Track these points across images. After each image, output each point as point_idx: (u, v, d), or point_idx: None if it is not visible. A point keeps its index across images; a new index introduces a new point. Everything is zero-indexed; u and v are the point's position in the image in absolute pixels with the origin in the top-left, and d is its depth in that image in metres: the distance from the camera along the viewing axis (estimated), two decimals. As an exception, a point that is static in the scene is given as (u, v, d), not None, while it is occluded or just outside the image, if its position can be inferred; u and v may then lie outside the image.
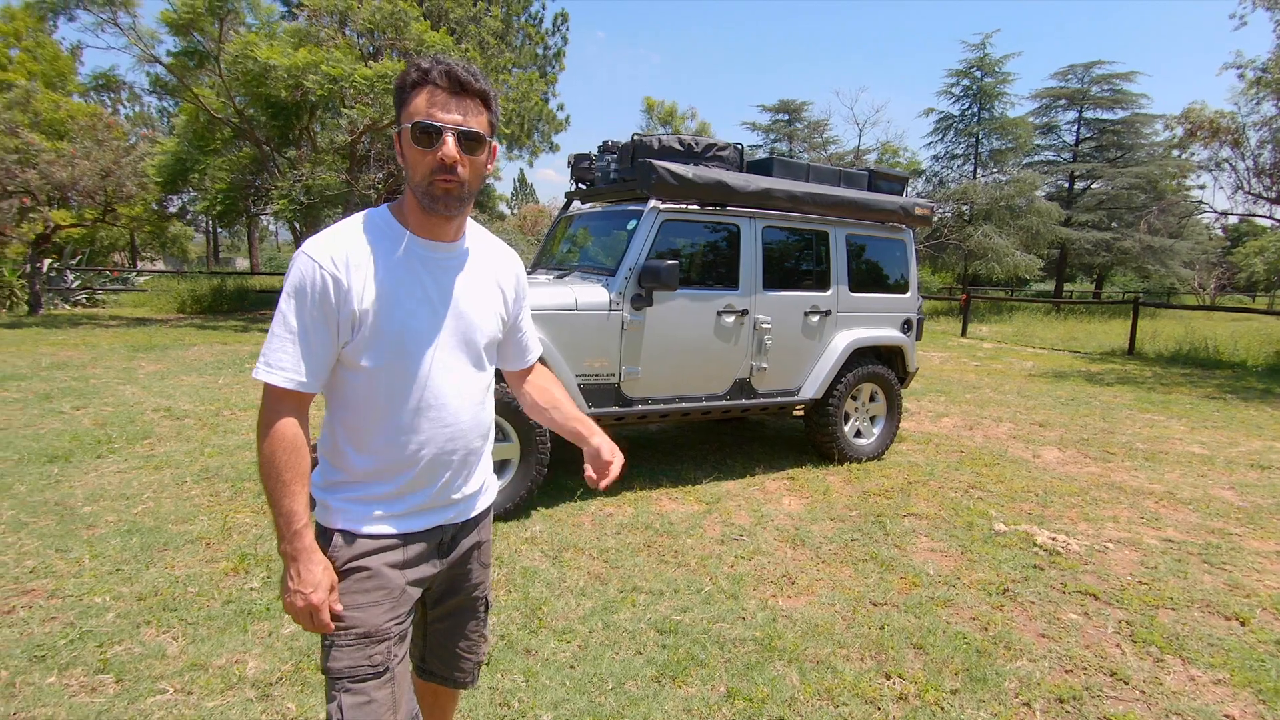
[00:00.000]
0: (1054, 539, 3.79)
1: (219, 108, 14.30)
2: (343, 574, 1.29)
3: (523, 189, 55.77)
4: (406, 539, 1.34)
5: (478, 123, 1.24)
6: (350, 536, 1.30)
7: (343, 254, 1.23)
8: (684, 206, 4.33)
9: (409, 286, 1.28)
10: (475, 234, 1.42)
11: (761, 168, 4.86)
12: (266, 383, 1.21)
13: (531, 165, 51.74)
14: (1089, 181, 25.52)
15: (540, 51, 21.16)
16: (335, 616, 1.26)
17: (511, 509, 3.82)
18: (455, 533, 1.43)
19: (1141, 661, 2.65)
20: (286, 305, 1.21)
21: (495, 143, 1.31)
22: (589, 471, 1.58)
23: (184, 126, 15.41)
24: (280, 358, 1.21)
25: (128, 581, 2.93)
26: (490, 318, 1.40)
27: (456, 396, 1.35)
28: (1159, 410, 7.61)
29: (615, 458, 1.56)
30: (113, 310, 16.05)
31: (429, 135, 1.20)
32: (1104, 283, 29.71)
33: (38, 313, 14.03)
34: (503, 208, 24.19)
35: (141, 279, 20.63)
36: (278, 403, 1.22)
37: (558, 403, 1.62)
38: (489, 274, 1.42)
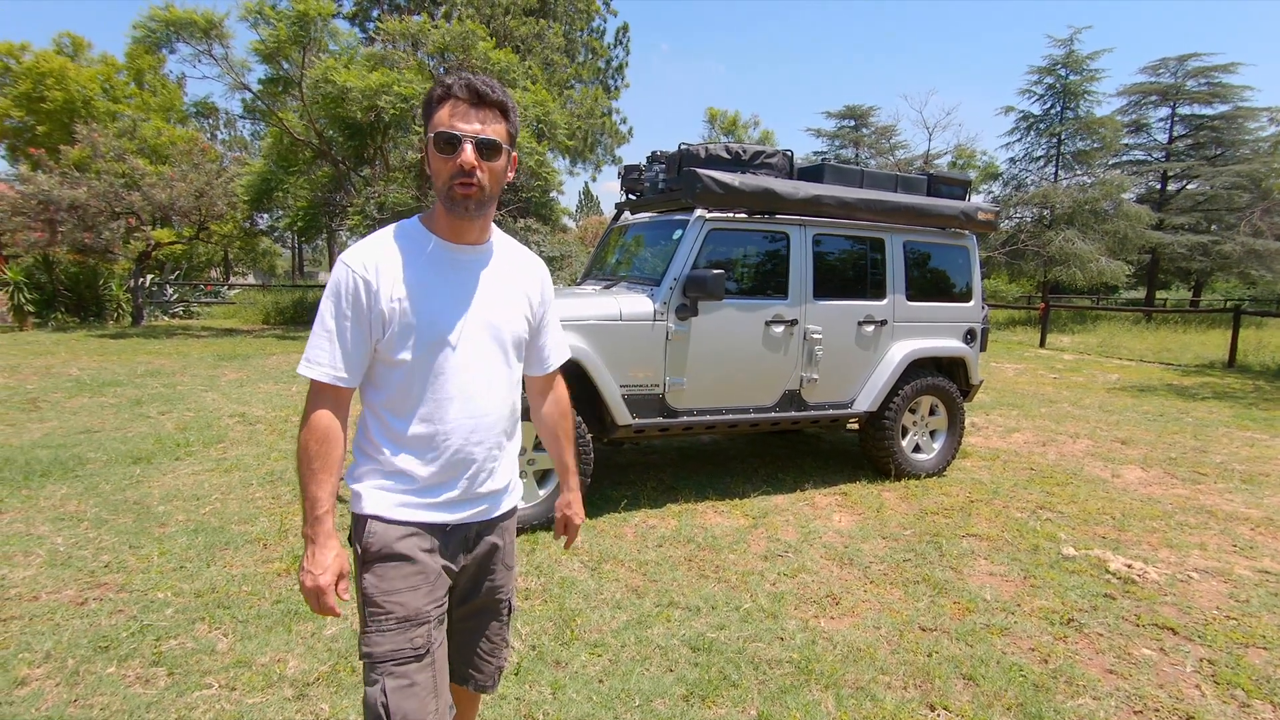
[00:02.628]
0: (1130, 566, 3.51)
1: (302, 131, 15.15)
2: (380, 559, 1.35)
3: (588, 201, 56.61)
4: (432, 529, 1.40)
5: (495, 131, 1.32)
6: (384, 522, 1.37)
7: (373, 259, 1.33)
8: (731, 215, 4.27)
9: (436, 283, 1.37)
10: (502, 241, 1.50)
11: (812, 174, 4.75)
12: (308, 377, 1.33)
13: (595, 179, 52.44)
14: (1184, 182, 23.82)
15: (602, 65, 21.47)
16: (372, 601, 1.33)
17: (555, 519, 3.83)
18: (480, 529, 1.48)
19: (1224, 705, 2.41)
20: (325, 308, 1.33)
21: (515, 151, 1.40)
22: (557, 528, 1.79)
23: (269, 149, 16.40)
24: (319, 354, 1.32)
25: (189, 578, 3.09)
26: (516, 316, 1.48)
27: (484, 388, 1.42)
28: (1261, 428, 6.98)
29: (578, 522, 1.77)
30: (205, 322, 17.18)
31: (451, 144, 1.30)
32: (1203, 290, 27.61)
33: (139, 324, 15.16)
34: (567, 220, 24.58)
35: (232, 292, 22.01)
36: (317, 396, 1.33)
37: (560, 439, 1.74)
38: (514, 276, 1.49)
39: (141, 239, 14.72)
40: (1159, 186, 24.07)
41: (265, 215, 19.95)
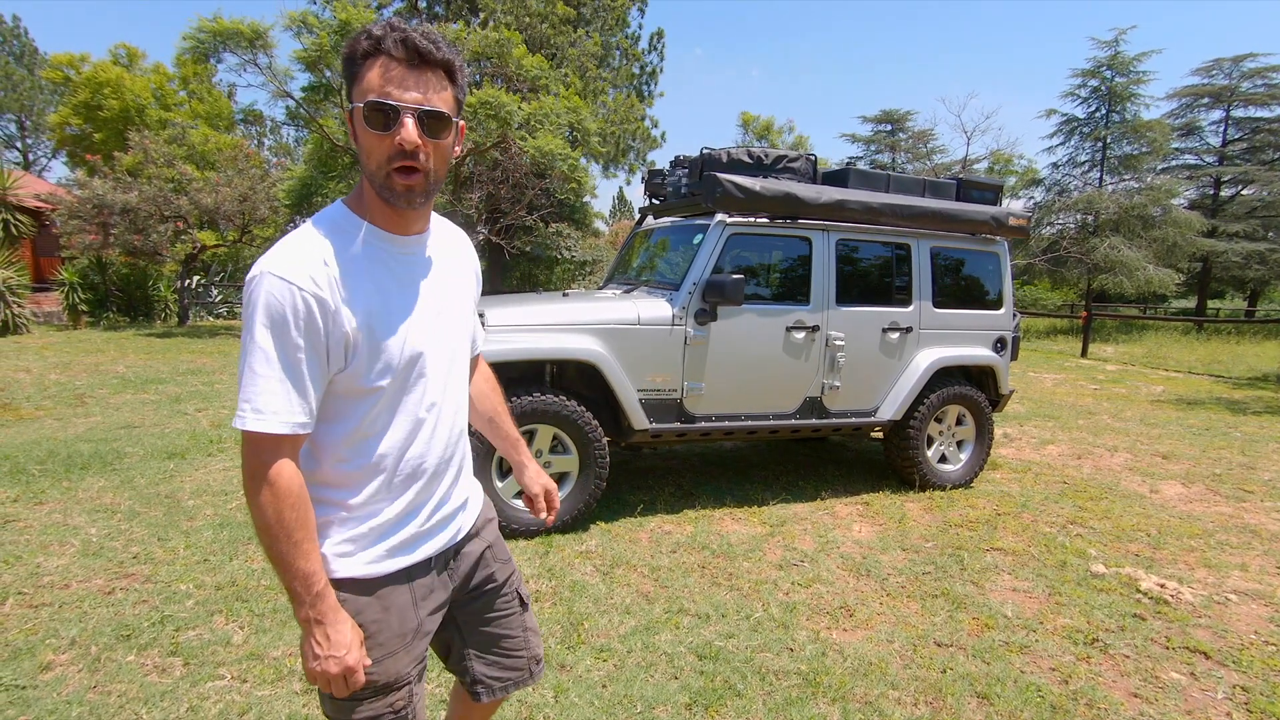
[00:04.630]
0: (1163, 585, 3.37)
1: (342, 137, 15.52)
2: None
3: (622, 205, 56.95)
4: (411, 573, 1.25)
5: (441, 100, 1.09)
6: (357, 584, 1.19)
7: (321, 270, 1.08)
8: (752, 220, 4.24)
9: (394, 289, 1.17)
10: (434, 220, 1.31)
11: (837, 178, 4.69)
12: (256, 432, 1.05)
13: (629, 183, 52.80)
14: (1239, 187, 22.88)
15: (636, 70, 21.56)
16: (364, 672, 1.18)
17: (569, 522, 3.84)
18: (457, 547, 1.37)
19: (1257, 735, 2.29)
20: (263, 338, 1.04)
21: (462, 121, 1.17)
22: (532, 506, 1.61)
23: (310, 154, 16.84)
24: (269, 400, 1.04)
25: (211, 571, 3.18)
26: (467, 307, 1.34)
27: (449, 399, 1.28)
28: (1315, 444, 6.65)
29: (552, 488, 1.61)
30: (247, 322, 17.69)
31: (384, 115, 1.06)
32: (1259, 299, 26.47)
33: (185, 324, 15.69)
34: (600, 225, 24.72)
35: (274, 294, 22.64)
36: (272, 452, 1.06)
37: (497, 413, 1.59)
38: (456, 263, 1.33)
39: (188, 242, 15.24)
40: (1211, 192, 23.17)
41: (307, 220, 20.51)
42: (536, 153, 13.06)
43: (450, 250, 1.32)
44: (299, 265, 1.07)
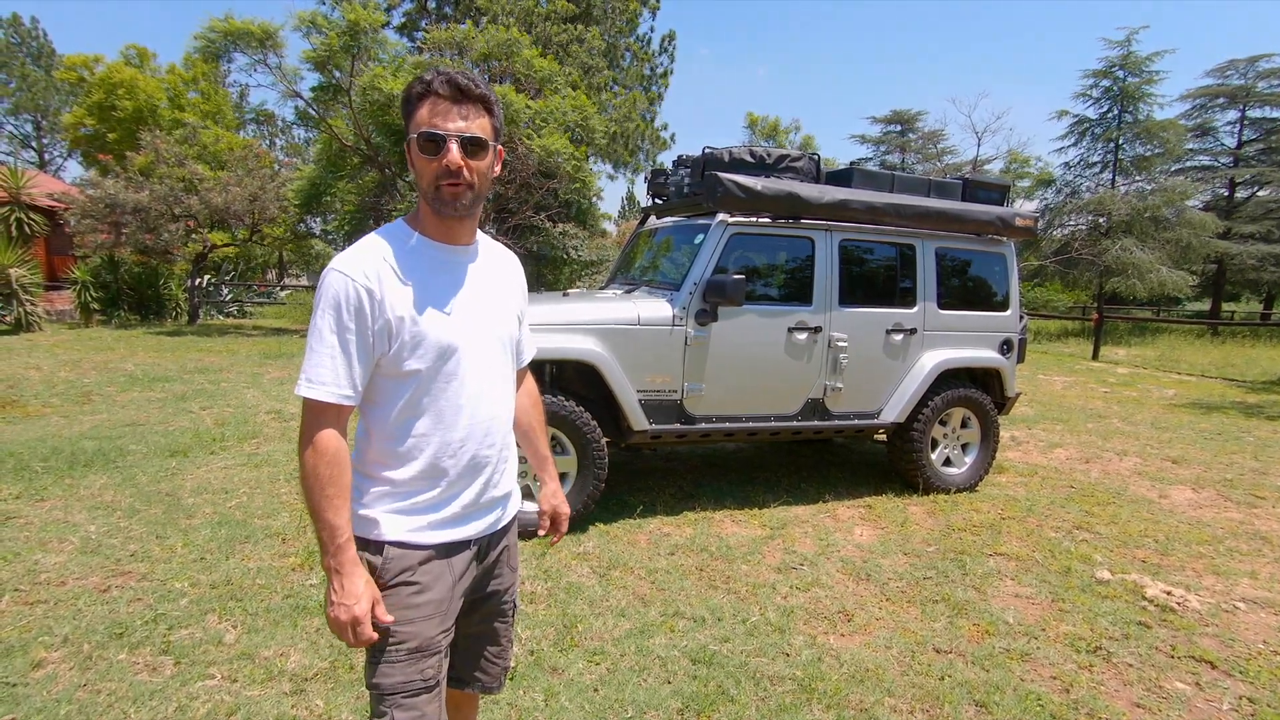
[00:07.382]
0: (1169, 593, 3.31)
1: (351, 137, 15.59)
2: (393, 587, 1.30)
3: (630, 206, 56.91)
4: (451, 549, 1.36)
5: (479, 127, 1.28)
6: (400, 548, 1.32)
7: (373, 267, 1.27)
8: (754, 220, 4.21)
9: (437, 287, 1.33)
10: (483, 239, 1.48)
11: (841, 178, 4.64)
12: (308, 398, 1.24)
13: (632, 184, 52.74)
14: (1254, 188, 22.60)
15: (646, 72, 21.54)
16: (384, 630, 1.27)
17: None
18: (492, 539, 1.47)
19: (1263, 748, 2.24)
20: (322, 321, 1.24)
21: (500, 146, 1.36)
22: (543, 522, 1.72)
23: (319, 154, 16.91)
24: (320, 373, 1.24)
25: (207, 570, 3.17)
26: (510, 315, 1.47)
27: (490, 392, 1.40)
28: (1330, 450, 6.53)
29: (566, 511, 1.73)
30: (256, 321, 17.80)
31: (434, 143, 1.25)
32: (1275, 302, 26.12)
33: (195, 323, 15.79)
34: (608, 225, 24.72)
35: (284, 293, 22.77)
36: (319, 416, 1.25)
37: (533, 429, 1.70)
38: (501, 275, 1.48)
39: (199, 241, 15.35)
40: (1226, 193, 22.89)
41: (318, 219, 20.57)
42: (542, 151, 13.05)
43: (496, 267, 1.47)
44: (354, 262, 1.26)
